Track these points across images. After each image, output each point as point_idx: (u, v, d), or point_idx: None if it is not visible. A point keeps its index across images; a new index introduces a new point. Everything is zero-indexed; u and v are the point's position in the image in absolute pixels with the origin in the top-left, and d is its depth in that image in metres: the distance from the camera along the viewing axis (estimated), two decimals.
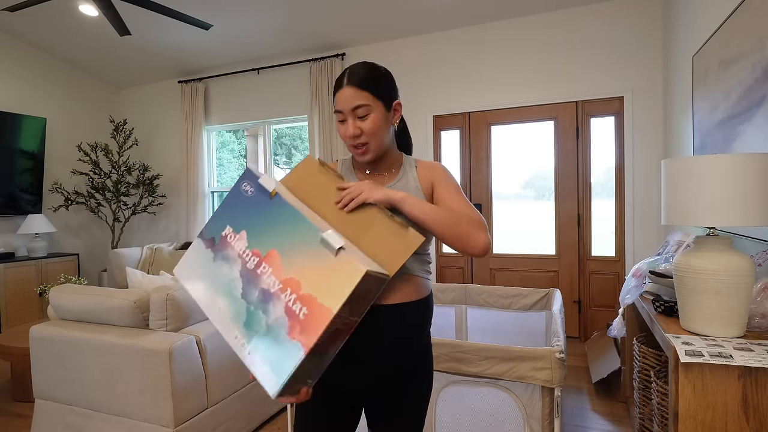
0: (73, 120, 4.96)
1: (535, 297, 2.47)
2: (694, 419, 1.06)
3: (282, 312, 0.77)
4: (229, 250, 0.86)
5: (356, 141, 0.99)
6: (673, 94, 3.01)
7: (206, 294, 0.86)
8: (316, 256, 0.78)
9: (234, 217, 0.88)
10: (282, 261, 0.80)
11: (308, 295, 0.76)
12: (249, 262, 0.83)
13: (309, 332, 0.73)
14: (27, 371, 2.56)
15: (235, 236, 0.86)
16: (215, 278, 0.86)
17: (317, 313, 0.74)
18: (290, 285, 0.78)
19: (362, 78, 0.98)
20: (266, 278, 0.80)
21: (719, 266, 1.16)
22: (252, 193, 0.88)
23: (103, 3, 2.71)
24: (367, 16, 3.71)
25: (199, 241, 0.91)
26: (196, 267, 0.89)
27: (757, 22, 1.68)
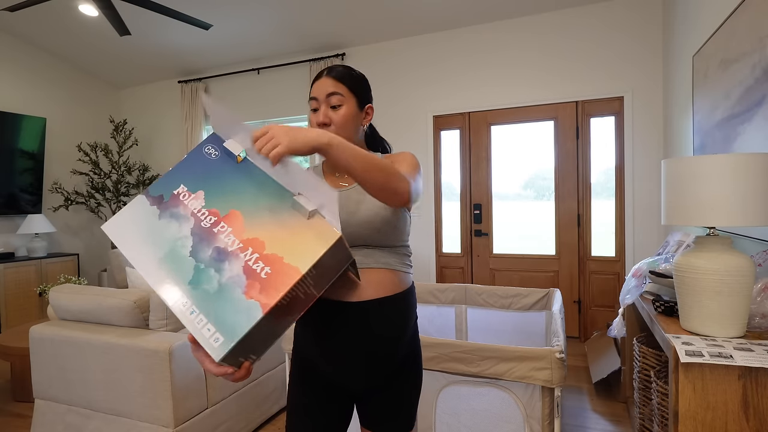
0: (73, 120, 4.96)
1: (535, 297, 2.47)
2: (694, 419, 1.06)
3: (239, 271, 0.73)
4: (180, 208, 0.80)
5: (324, 129, 0.99)
6: (673, 94, 3.01)
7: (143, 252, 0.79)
8: (286, 218, 0.75)
9: (190, 177, 0.82)
10: (244, 221, 0.77)
11: (273, 255, 0.73)
12: (204, 221, 0.78)
13: (271, 291, 0.70)
14: (27, 371, 2.56)
15: (189, 195, 0.81)
16: (158, 236, 0.79)
17: (283, 272, 0.71)
18: (252, 244, 0.74)
19: (341, 72, 1.03)
20: (224, 237, 0.76)
21: (719, 266, 1.16)
22: (216, 156, 0.84)
23: (103, 3, 2.71)
24: (367, 16, 3.71)
25: (143, 197, 0.83)
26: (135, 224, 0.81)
27: (757, 22, 1.68)
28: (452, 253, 3.97)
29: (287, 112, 4.54)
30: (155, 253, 0.77)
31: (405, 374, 1.05)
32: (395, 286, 1.01)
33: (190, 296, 0.72)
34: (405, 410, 1.06)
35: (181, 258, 0.75)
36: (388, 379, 1.03)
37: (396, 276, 1.01)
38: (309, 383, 1.04)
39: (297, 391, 1.06)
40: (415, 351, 1.08)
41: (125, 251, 0.79)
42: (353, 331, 0.96)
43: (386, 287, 0.99)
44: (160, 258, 0.76)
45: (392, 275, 1.01)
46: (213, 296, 0.72)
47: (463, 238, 3.92)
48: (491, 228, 3.83)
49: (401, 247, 1.05)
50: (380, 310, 0.98)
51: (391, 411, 1.04)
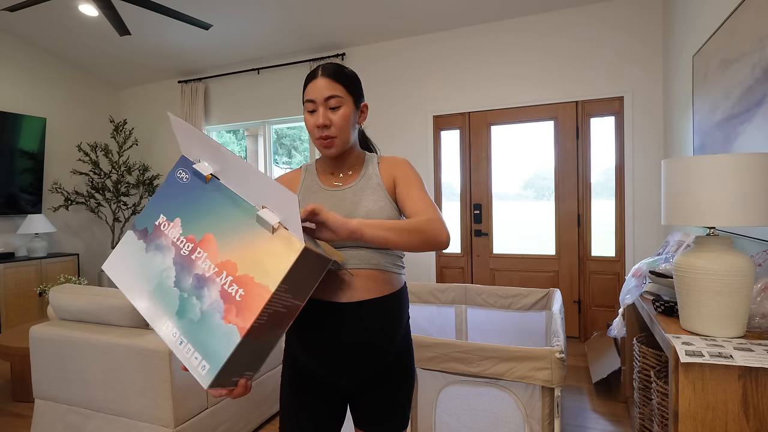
0: (73, 120, 4.96)
1: (535, 297, 2.47)
2: (694, 419, 1.06)
3: (217, 296, 0.73)
4: (162, 239, 0.82)
5: (324, 132, 1.00)
6: (673, 94, 3.01)
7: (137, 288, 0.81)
8: (253, 235, 0.74)
9: (168, 205, 0.84)
10: (218, 245, 0.76)
11: (245, 276, 0.72)
12: (183, 249, 0.79)
13: (246, 313, 0.69)
14: (27, 371, 2.56)
15: (169, 224, 0.82)
16: (147, 269, 0.81)
17: (254, 293, 0.70)
18: (226, 267, 0.74)
19: (336, 72, 1.01)
20: (201, 263, 0.76)
21: (719, 266, 1.16)
22: (187, 179, 0.84)
23: (103, 3, 2.71)
24: (367, 16, 3.71)
25: (131, 233, 0.86)
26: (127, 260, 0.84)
27: (757, 22, 1.68)
28: (452, 253, 3.97)
29: (287, 112, 4.54)
30: (147, 287, 0.79)
31: (397, 373, 1.05)
32: (387, 286, 1.01)
33: (178, 327, 0.74)
34: (398, 409, 1.06)
35: (168, 289, 0.77)
36: (380, 377, 1.03)
37: (388, 277, 1.02)
38: (301, 384, 1.04)
39: (289, 392, 1.06)
40: (407, 350, 1.08)
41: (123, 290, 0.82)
42: (345, 331, 0.97)
43: (378, 288, 0.99)
44: (150, 291, 0.78)
45: (384, 276, 1.01)
46: (197, 324, 0.72)
47: (463, 238, 3.92)
48: (491, 228, 3.83)
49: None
50: (372, 310, 0.98)
51: (384, 410, 1.05)
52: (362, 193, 1.03)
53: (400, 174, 1.05)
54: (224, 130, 5.07)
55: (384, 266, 1.01)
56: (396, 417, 1.06)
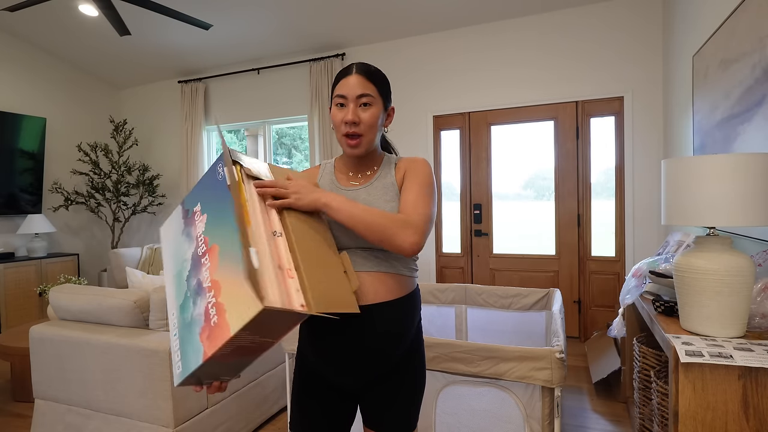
0: (73, 120, 4.96)
1: (535, 297, 2.47)
2: (694, 419, 1.06)
3: (202, 310, 0.75)
4: (192, 228, 0.84)
5: (353, 128, 0.99)
6: (673, 94, 3.01)
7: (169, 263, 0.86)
8: (236, 269, 0.73)
9: (205, 196, 0.86)
10: (219, 260, 0.77)
11: (221, 305, 0.72)
12: (200, 248, 0.81)
13: (212, 341, 0.71)
14: (27, 371, 2.56)
15: (200, 216, 0.84)
16: (177, 251, 0.85)
17: (222, 326, 0.71)
18: (215, 287, 0.75)
19: (370, 71, 1.02)
20: (204, 270, 0.78)
21: (719, 266, 1.16)
22: (221, 177, 0.85)
23: (103, 3, 2.71)
24: (367, 16, 3.71)
25: (180, 208, 0.90)
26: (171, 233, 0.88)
27: (757, 22, 1.68)
28: (452, 253, 3.97)
29: (287, 112, 4.54)
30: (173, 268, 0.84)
31: (407, 373, 1.05)
32: (400, 289, 1.01)
33: (177, 318, 0.78)
34: (407, 410, 1.06)
35: (182, 280, 0.81)
36: (389, 377, 1.03)
37: (401, 280, 1.01)
38: (311, 384, 1.05)
39: (300, 390, 1.06)
40: (417, 351, 1.08)
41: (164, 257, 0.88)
42: (354, 334, 0.96)
43: (390, 291, 0.99)
44: (174, 274, 0.83)
45: (397, 279, 1.00)
46: (186, 326, 0.76)
47: (463, 238, 3.92)
48: (491, 228, 3.83)
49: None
50: (383, 314, 0.98)
51: (392, 410, 1.04)
52: (375, 192, 1.03)
53: (408, 171, 1.04)
54: (224, 130, 5.07)
55: (395, 269, 1.00)
56: (404, 417, 1.06)
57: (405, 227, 0.90)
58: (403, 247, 0.90)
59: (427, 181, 1.01)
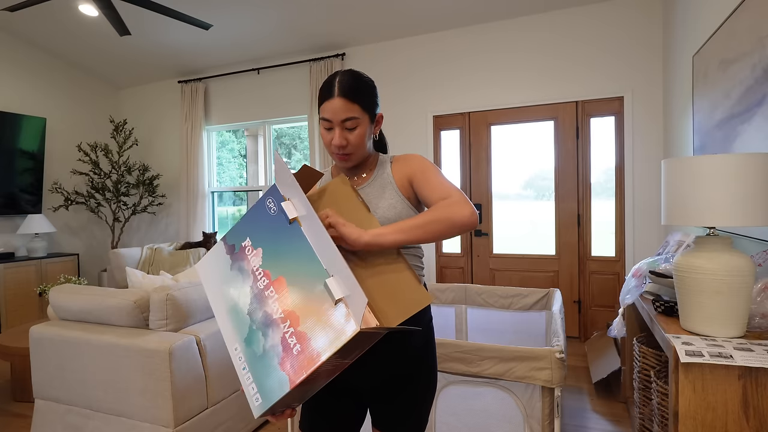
0: (73, 120, 4.96)
1: (535, 297, 2.47)
2: (694, 419, 1.06)
3: (278, 341, 0.78)
4: (245, 263, 0.86)
5: (342, 151, 1.01)
6: (673, 94, 3.01)
7: (217, 298, 0.87)
8: (318, 298, 0.77)
9: (254, 230, 0.87)
10: (288, 291, 0.80)
11: (304, 334, 0.76)
12: (260, 281, 0.83)
13: (298, 369, 0.74)
14: (27, 371, 2.56)
15: (252, 250, 0.86)
16: (229, 286, 0.86)
17: (308, 354, 0.75)
18: (290, 317, 0.78)
19: (352, 89, 0.98)
20: (271, 303, 0.80)
21: (719, 266, 1.15)
22: (274, 212, 0.86)
23: (103, 3, 2.71)
24: (367, 16, 3.71)
25: (221, 244, 0.91)
26: (215, 269, 0.89)
27: (757, 22, 1.68)
28: (452, 253, 3.97)
29: (287, 112, 4.54)
30: (225, 303, 0.85)
31: (417, 374, 1.05)
32: None
33: (244, 353, 0.81)
34: (416, 411, 1.05)
35: (241, 314, 0.83)
36: (399, 378, 1.03)
37: None
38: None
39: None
40: (427, 352, 1.07)
41: (208, 294, 0.88)
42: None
43: None
44: (227, 309, 0.84)
45: None
46: (258, 359, 0.79)
47: (463, 238, 3.92)
48: (491, 228, 3.83)
49: (413, 248, 1.06)
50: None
51: (402, 411, 1.04)
52: (375, 193, 1.04)
53: (414, 169, 1.04)
54: (224, 130, 5.07)
55: None
56: (413, 419, 1.05)
57: (452, 207, 0.90)
58: (464, 222, 0.89)
59: (432, 167, 1.03)
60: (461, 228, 0.89)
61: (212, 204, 5.05)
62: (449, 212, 0.89)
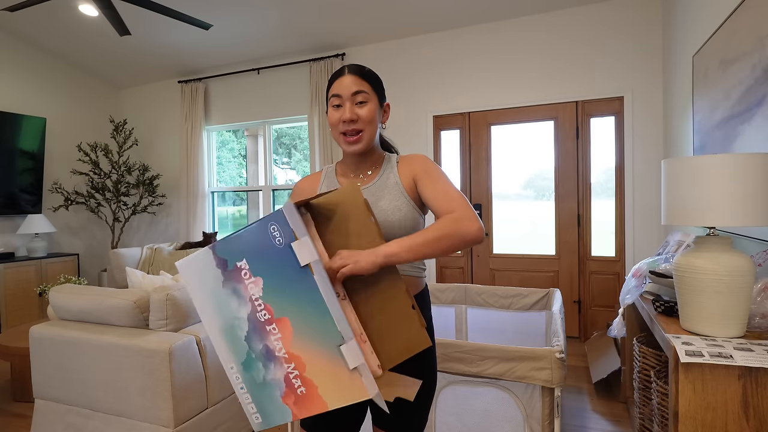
0: (73, 120, 4.96)
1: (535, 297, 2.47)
2: (694, 419, 1.06)
3: (281, 377, 0.79)
4: (240, 287, 0.80)
5: (351, 126, 1.01)
6: (673, 94, 3.01)
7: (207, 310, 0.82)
8: (330, 356, 0.78)
9: (253, 255, 0.79)
10: (293, 334, 0.79)
11: (310, 381, 0.78)
12: (259, 313, 0.80)
13: (302, 408, 0.78)
14: (27, 371, 2.56)
15: (250, 276, 0.79)
16: (221, 305, 0.81)
17: (314, 400, 0.78)
18: (296, 361, 0.79)
19: (363, 71, 1.04)
20: (273, 339, 0.79)
21: (719, 266, 1.15)
22: (280, 245, 0.78)
23: (103, 3, 2.71)
24: (367, 16, 3.71)
25: (210, 253, 0.81)
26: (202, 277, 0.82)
27: (757, 22, 1.68)
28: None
29: (287, 112, 4.54)
30: (217, 321, 0.82)
31: (417, 374, 1.04)
32: (411, 289, 1.02)
33: (241, 374, 0.81)
34: (416, 410, 1.05)
35: (238, 338, 0.81)
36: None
37: (411, 281, 1.03)
38: None
39: None
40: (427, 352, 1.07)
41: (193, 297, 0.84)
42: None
43: None
44: (220, 327, 0.82)
45: (408, 280, 1.02)
46: (258, 386, 0.80)
47: None
48: (491, 228, 3.83)
49: None
50: None
51: (402, 411, 1.04)
52: (379, 193, 1.04)
53: (419, 170, 1.04)
54: (224, 130, 5.07)
55: (406, 270, 1.02)
56: (414, 417, 1.05)
57: (461, 223, 0.90)
58: (474, 238, 0.89)
59: (436, 169, 1.03)
60: (470, 244, 0.90)
61: (212, 204, 5.05)
62: (458, 228, 0.89)
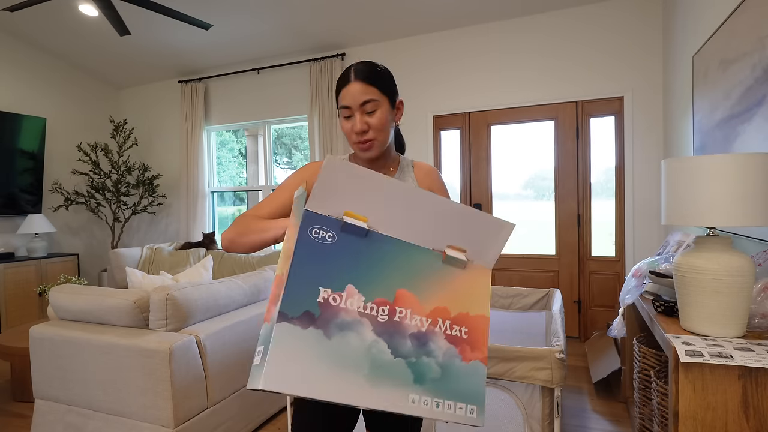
0: (73, 120, 4.96)
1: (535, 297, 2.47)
2: (694, 419, 1.06)
3: (446, 344, 0.73)
4: (343, 315, 0.70)
5: (363, 137, 0.99)
6: (673, 94, 3.01)
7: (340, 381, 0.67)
8: (446, 276, 0.77)
9: (321, 275, 0.70)
10: (417, 297, 0.74)
11: (460, 315, 0.76)
12: (379, 316, 0.72)
13: (479, 345, 0.75)
14: (27, 371, 2.56)
15: (340, 296, 0.70)
16: (345, 356, 0.68)
17: (476, 325, 0.76)
18: (438, 314, 0.74)
19: (369, 73, 0.98)
20: (409, 321, 0.73)
21: (719, 266, 1.15)
22: (332, 238, 0.73)
23: (103, 3, 2.71)
24: (367, 16, 3.71)
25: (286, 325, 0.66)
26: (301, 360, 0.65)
27: (757, 22, 1.68)
28: None
29: (287, 112, 4.54)
30: (357, 374, 0.68)
31: None
32: None
33: (425, 393, 0.70)
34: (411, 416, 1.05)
35: (388, 364, 0.70)
36: None
37: None
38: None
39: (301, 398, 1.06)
40: None
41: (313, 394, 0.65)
42: None
43: None
44: (365, 376, 0.68)
45: None
46: (442, 380, 0.72)
47: None
48: None
49: None
50: None
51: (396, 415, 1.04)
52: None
53: (438, 188, 1.11)
54: (224, 130, 5.07)
55: None
56: (408, 420, 1.05)
57: None
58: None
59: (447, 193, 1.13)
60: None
61: (212, 204, 5.05)
62: None
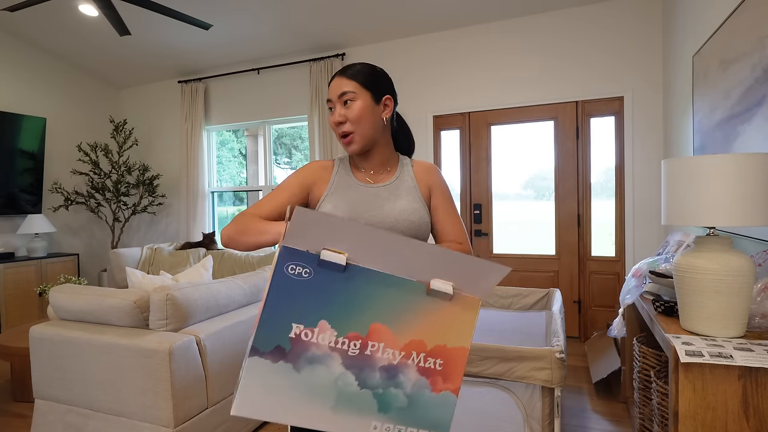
0: (73, 120, 4.96)
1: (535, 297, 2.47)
2: (694, 419, 1.06)
3: (417, 375, 0.74)
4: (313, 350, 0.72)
5: (341, 129, 1.03)
6: (673, 94, 3.01)
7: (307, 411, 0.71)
8: (428, 308, 0.75)
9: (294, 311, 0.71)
10: (392, 330, 0.74)
11: (437, 347, 0.75)
12: (350, 350, 0.73)
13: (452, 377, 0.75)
14: (27, 371, 2.56)
15: (312, 331, 0.72)
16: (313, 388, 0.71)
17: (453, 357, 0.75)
18: (413, 348, 0.74)
19: (351, 69, 1.04)
20: (381, 355, 0.73)
21: (719, 266, 1.16)
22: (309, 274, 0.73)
23: (103, 3, 2.71)
24: (367, 16, 3.71)
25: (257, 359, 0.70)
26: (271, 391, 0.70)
27: (757, 22, 1.68)
28: None
29: (287, 112, 4.54)
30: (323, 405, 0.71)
31: None
32: None
33: (388, 421, 0.73)
34: None
35: (354, 395, 0.73)
36: None
37: None
38: None
39: None
40: None
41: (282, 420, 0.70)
42: None
43: None
44: (332, 407, 0.72)
45: None
46: (408, 409, 0.74)
47: None
48: (491, 228, 3.83)
49: None
50: None
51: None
52: (397, 192, 1.07)
53: (436, 186, 1.11)
54: (224, 130, 5.07)
55: None
56: None
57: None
58: None
59: (449, 190, 1.13)
60: None
61: (212, 204, 5.05)
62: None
